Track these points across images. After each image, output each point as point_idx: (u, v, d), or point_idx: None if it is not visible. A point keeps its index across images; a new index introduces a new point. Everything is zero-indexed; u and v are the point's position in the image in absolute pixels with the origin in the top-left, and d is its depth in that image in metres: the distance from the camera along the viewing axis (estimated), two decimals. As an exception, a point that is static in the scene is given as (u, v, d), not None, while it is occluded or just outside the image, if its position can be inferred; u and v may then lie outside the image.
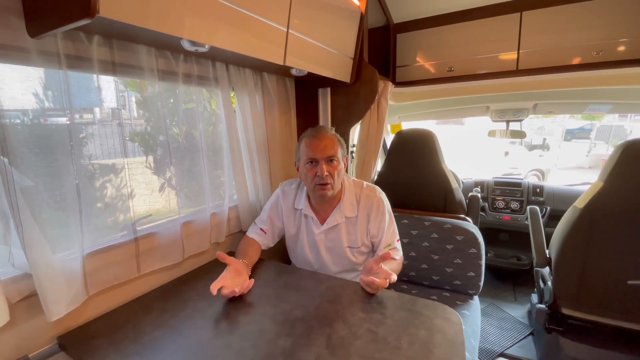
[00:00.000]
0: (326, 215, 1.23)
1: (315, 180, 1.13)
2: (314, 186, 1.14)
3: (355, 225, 1.22)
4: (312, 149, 1.13)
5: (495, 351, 1.78)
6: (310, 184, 1.16)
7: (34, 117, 0.83)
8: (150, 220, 1.13)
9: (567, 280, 1.38)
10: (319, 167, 1.11)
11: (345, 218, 1.22)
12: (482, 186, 2.62)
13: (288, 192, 1.30)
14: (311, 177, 1.14)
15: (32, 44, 0.72)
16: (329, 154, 1.12)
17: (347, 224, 1.22)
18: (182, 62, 1.07)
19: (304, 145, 1.16)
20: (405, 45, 1.90)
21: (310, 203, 1.26)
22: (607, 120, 10.47)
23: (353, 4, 1.41)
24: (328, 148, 1.13)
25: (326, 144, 1.13)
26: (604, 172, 1.35)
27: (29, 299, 0.79)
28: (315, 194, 1.17)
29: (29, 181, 0.77)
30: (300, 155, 1.18)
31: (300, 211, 1.27)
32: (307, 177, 1.16)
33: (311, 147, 1.13)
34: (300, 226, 1.28)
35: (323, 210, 1.24)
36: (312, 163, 1.14)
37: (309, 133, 1.18)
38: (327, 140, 1.14)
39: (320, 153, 1.12)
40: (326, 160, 1.13)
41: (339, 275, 1.27)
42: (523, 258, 2.51)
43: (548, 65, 1.55)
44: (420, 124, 2.69)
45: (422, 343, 0.77)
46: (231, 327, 0.85)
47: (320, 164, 1.11)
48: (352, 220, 1.22)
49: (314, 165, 1.13)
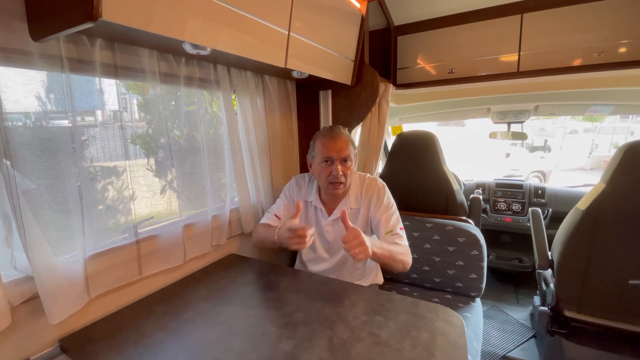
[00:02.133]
0: (333, 207, 1.29)
1: (330, 178, 1.19)
2: (328, 184, 1.21)
3: (359, 214, 1.28)
4: (329, 149, 1.18)
5: (497, 354, 1.77)
6: (324, 181, 1.21)
7: (36, 119, 0.84)
8: (152, 222, 1.13)
9: (570, 282, 1.37)
10: (334, 167, 1.17)
11: (351, 209, 1.27)
12: (484, 188, 2.61)
13: (302, 184, 1.37)
14: (326, 175, 1.19)
15: (35, 47, 0.72)
16: (343, 155, 1.18)
17: (352, 214, 1.28)
18: (184, 65, 1.08)
19: (320, 144, 1.21)
20: (406, 47, 1.90)
21: (320, 196, 1.32)
22: (609, 121, 10.46)
23: (354, 7, 1.41)
24: (343, 149, 1.18)
25: (342, 146, 1.18)
26: (606, 174, 1.34)
27: (31, 302, 0.79)
28: (328, 191, 1.24)
29: (31, 184, 0.77)
30: (316, 154, 1.23)
31: (311, 203, 1.32)
32: (321, 175, 1.21)
33: (327, 147, 1.18)
34: (309, 217, 1.33)
35: (331, 203, 1.30)
36: (328, 162, 1.19)
37: (324, 132, 1.24)
38: (342, 142, 1.19)
39: (336, 154, 1.17)
40: (341, 160, 1.18)
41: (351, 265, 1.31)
42: (525, 260, 2.50)
43: (549, 67, 1.55)
44: (421, 126, 2.69)
45: (424, 346, 0.76)
46: (233, 329, 0.85)
47: (335, 164, 1.17)
48: (356, 211, 1.28)
49: (329, 165, 1.19)
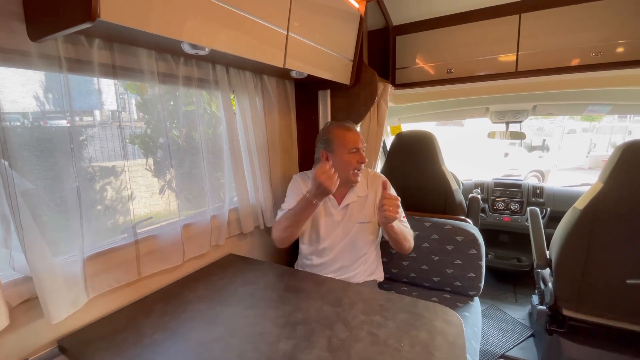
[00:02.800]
0: (342, 196, 1.37)
1: (356, 166, 1.28)
2: (353, 171, 1.29)
3: (365, 201, 1.37)
4: (355, 139, 1.29)
5: (496, 353, 1.77)
6: (350, 170, 1.29)
7: (34, 120, 0.84)
8: (151, 222, 1.13)
9: (568, 281, 1.38)
10: (359, 155, 1.28)
11: (358, 197, 1.36)
12: (482, 187, 2.62)
13: (306, 180, 1.40)
14: (354, 163, 1.28)
15: (33, 47, 0.72)
16: (364, 144, 1.32)
17: (359, 202, 1.37)
18: (182, 65, 1.08)
19: (343, 136, 1.29)
20: (404, 47, 1.90)
21: None
22: (607, 121, 10.49)
23: (352, 7, 1.41)
24: (361, 140, 1.31)
25: (360, 137, 1.31)
26: (603, 173, 1.35)
27: (30, 302, 0.79)
28: (352, 178, 1.30)
29: (29, 184, 0.77)
30: (337, 146, 1.29)
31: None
32: (349, 164, 1.28)
33: (353, 138, 1.29)
34: (318, 209, 1.33)
35: (339, 193, 1.36)
36: (355, 151, 1.29)
37: (343, 126, 1.33)
38: (359, 134, 1.33)
39: (361, 143, 1.30)
40: (363, 149, 1.31)
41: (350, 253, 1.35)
42: (523, 259, 2.51)
43: (547, 66, 1.55)
44: (420, 126, 2.70)
45: (423, 345, 0.77)
46: (232, 329, 0.85)
47: (359, 152, 1.28)
48: (363, 198, 1.37)
49: (355, 154, 1.28)
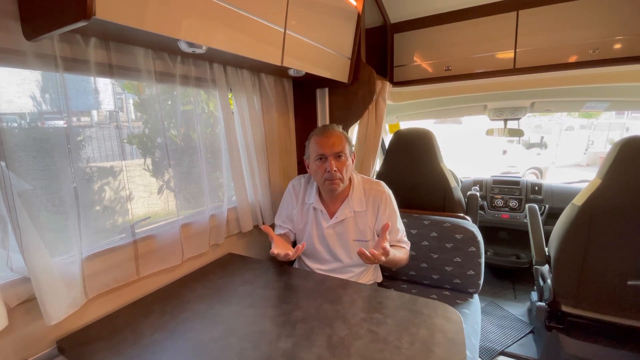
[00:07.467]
0: (335, 209, 1.27)
1: (325, 175, 1.18)
2: (324, 181, 1.20)
3: (364, 218, 1.26)
4: (321, 145, 1.18)
5: (495, 349, 1.78)
6: (320, 179, 1.21)
7: (31, 120, 0.83)
8: (149, 222, 1.13)
9: (567, 277, 1.38)
10: (327, 163, 1.17)
11: (354, 212, 1.25)
12: (481, 185, 2.63)
13: (297, 187, 1.36)
14: (321, 172, 1.19)
15: (28, 46, 0.71)
16: (336, 150, 1.18)
17: (356, 218, 1.26)
18: (180, 64, 1.07)
19: (313, 142, 1.21)
20: (402, 45, 1.90)
21: (320, 197, 1.30)
22: (605, 117, 10.51)
23: (350, 4, 1.41)
24: (336, 145, 1.18)
25: (334, 141, 1.18)
26: (601, 170, 1.35)
27: (28, 303, 0.78)
28: (325, 188, 1.22)
29: (26, 185, 0.77)
30: (310, 153, 1.24)
31: (310, 205, 1.31)
32: (317, 173, 1.21)
33: (320, 144, 1.18)
34: (309, 220, 1.32)
35: (332, 205, 1.28)
36: (322, 159, 1.19)
37: (317, 131, 1.24)
38: (335, 137, 1.19)
39: (329, 149, 1.17)
40: (334, 156, 1.18)
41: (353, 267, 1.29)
42: (522, 256, 2.52)
43: (545, 63, 1.55)
44: (418, 124, 2.70)
45: (422, 342, 0.77)
46: (231, 328, 0.85)
47: (329, 160, 1.17)
48: (361, 214, 1.26)
49: (323, 162, 1.19)
